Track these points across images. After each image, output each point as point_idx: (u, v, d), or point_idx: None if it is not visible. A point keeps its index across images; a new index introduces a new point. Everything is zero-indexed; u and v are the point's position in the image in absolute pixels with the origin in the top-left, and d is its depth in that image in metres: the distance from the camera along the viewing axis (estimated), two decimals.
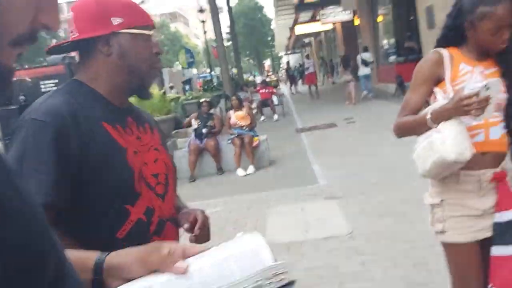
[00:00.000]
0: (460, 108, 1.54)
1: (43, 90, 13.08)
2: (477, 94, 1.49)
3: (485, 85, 1.48)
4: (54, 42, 32.97)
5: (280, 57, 61.71)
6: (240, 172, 6.89)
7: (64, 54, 19.28)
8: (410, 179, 5.11)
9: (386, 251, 3.50)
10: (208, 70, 26.08)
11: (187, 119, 7.78)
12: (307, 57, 19.58)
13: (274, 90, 14.10)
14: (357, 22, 18.69)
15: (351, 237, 3.85)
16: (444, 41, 1.78)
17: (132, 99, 1.21)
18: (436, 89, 1.72)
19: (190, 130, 7.66)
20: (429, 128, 1.64)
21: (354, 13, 18.50)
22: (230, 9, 21.47)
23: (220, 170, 7.20)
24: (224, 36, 30.82)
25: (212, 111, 7.91)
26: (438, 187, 1.78)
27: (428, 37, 9.67)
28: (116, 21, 1.09)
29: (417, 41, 12.04)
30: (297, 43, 38.32)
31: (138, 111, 1.24)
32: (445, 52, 1.72)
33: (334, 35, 26.41)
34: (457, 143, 1.54)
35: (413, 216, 4.06)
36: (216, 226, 4.60)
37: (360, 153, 7.02)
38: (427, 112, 1.64)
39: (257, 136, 7.36)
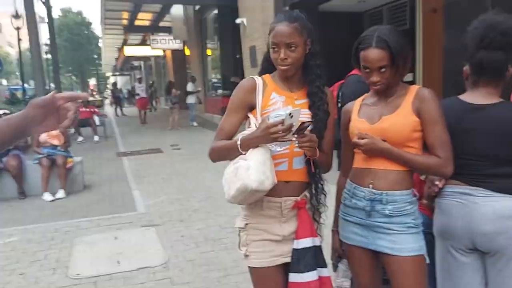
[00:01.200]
0: (267, 136, 1.56)
1: None
2: (282, 122, 1.53)
3: (289, 113, 1.52)
4: None
5: (108, 77, 58.99)
6: (47, 196, 6.07)
7: None
8: (230, 206, 5.22)
9: (200, 279, 3.40)
10: (21, 82, 23.16)
11: None
12: (139, 81, 17.91)
13: (96, 110, 13.18)
14: (187, 52, 19.04)
15: (166, 267, 3.65)
16: (262, 70, 1.83)
17: None
18: (250, 115, 1.75)
19: None
20: (240, 154, 1.64)
21: (184, 43, 18.84)
22: (51, 19, 19.62)
23: (22, 194, 6.23)
24: (44, 48, 28.04)
25: None
26: (245, 211, 1.80)
27: (251, 74, 10.34)
28: None
29: (242, 77, 12.82)
30: (125, 65, 37.13)
31: None
32: (259, 80, 1.75)
33: (164, 61, 26.41)
34: (259, 172, 1.56)
35: (230, 243, 4.10)
36: (9, 259, 3.91)
37: (183, 179, 6.94)
38: (238, 138, 1.65)
39: (71, 157, 6.64)
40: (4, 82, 46.90)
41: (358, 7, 9.48)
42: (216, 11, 15.05)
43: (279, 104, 1.71)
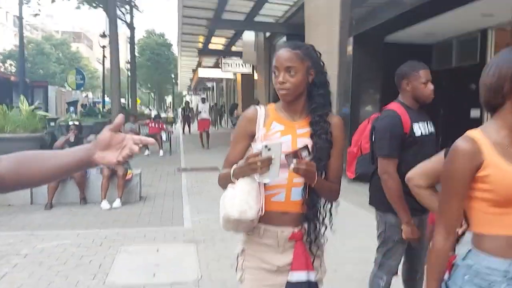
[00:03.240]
0: (246, 166, 1.57)
1: None
2: (260, 154, 1.53)
3: (266, 146, 1.53)
4: None
5: (184, 96, 61.79)
6: (104, 204, 6.44)
7: None
8: None
9: None
10: (107, 97, 24.96)
11: (57, 141, 7.17)
12: (203, 101, 16.99)
13: (164, 126, 13.85)
14: (256, 76, 19.51)
15: (197, 285, 3.71)
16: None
17: None
18: (253, 144, 1.75)
19: None
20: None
21: (254, 67, 19.33)
22: (132, 40, 21.09)
23: (84, 200, 6.67)
24: (126, 66, 30.08)
25: (92, 137, 7.41)
26: (244, 236, 1.79)
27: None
28: None
29: None
30: (199, 85, 38.71)
31: None
32: (261, 109, 1.76)
33: (235, 84, 27.21)
34: (242, 201, 1.57)
35: None
36: (58, 260, 4.18)
37: None
38: (232, 168, 1.66)
39: (130, 169, 7.02)
40: (90, 95, 50.64)
41: (425, 39, 9.21)
42: (284, 39, 15.34)
43: (278, 134, 1.71)
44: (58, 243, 4.75)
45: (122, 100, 24.19)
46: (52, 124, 12.19)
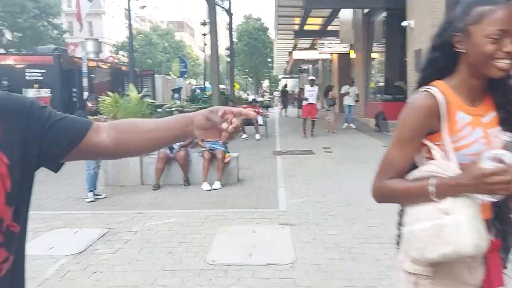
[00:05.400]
0: (481, 186, 1.19)
1: (27, 78, 12.96)
2: (505, 170, 1.16)
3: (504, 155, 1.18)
4: (55, 32, 32.97)
5: (279, 80, 62.25)
6: (205, 186, 6.77)
7: (56, 46, 19.17)
8: (368, 216, 5.08)
9: (322, 285, 3.40)
10: (208, 83, 26.11)
11: None
12: (311, 83, 13.37)
13: (260, 110, 14.09)
14: (353, 55, 18.90)
15: (292, 267, 3.74)
16: (428, 75, 1.38)
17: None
18: (429, 144, 1.33)
19: None
20: (428, 201, 1.27)
21: (351, 46, 18.73)
22: (231, 26, 21.64)
23: (187, 182, 7.08)
24: (226, 52, 31.00)
25: None
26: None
27: (415, 78, 9.80)
28: None
29: (405, 82, 12.21)
30: (295, 68, 38.65)
31: None
32: (439, 96, 1.30)
33: (330, 64, 26.67)
34: (473, 232, 1.21)
35: (360, 253, 3.99)
36: (164, 238, 4.50)
37: (328, 183, 6.96)
38: (429, 182, 1.26)
39: (228, 152, 7.27)
40: (193, 81, 53.29)
41: None
42: (384, 14, 14.59)
43: (468, 129, 1.31)
44: (164, 221, 5.12)
45: (222, 86, 25.09)
46: (159, 110, 13.08)
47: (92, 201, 6.13)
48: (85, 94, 11.20)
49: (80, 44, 16.11)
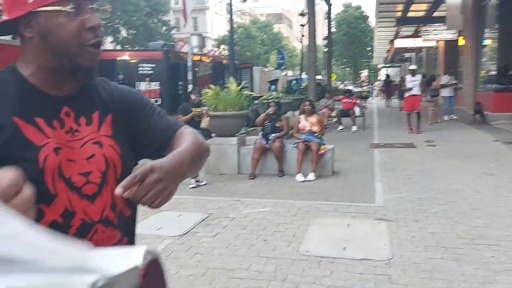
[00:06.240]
0: None
1: (140, 72, 14.03)
2: None
3: None
4: (163, 29, 35.24)
5: (379, 69, 59.98)
6: (299, 177, 6.82)
7: (164, 42, 20.37)
8: (474, 215, 4.74)
9: (420, 285, 3.26)
10: (304, 74, 26.14)
11: (258, 118, 7.86)
12: (412, 73, 11.94)
13: (358, 101, 13.70)
14: (461, 42, 17.51)
15: (388, 264, 3.64)
16: None
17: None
18: None
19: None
20: None
21: (459, 33, 17.37)
22: (329, 15, 21.28)
23: (281, 172, 7.19)
24: (323, 42, 30.62)
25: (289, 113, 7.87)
26: None
27: None
28: None
29: None
30: (396, 57, 36.90)
31: (85, 99, 1.07)
32: None
33: (436, 52, 24.99)
34: None
35: (464, 254, 3.75)
36: (259, 226, 4.66)
37: (430, 179, 6.59)
38: None
39: (324, 144, 7.23)
40: (290, 73, 53.56)
41: None
42: None
43: None
44: (259, 210, 5.27)
45: (319, 77, 24.87)
46: (256, 102, 13.38)
47: (194, 187, 6.52)
48: (189, 87, 11.85)
49: (186, 39, 17.04)
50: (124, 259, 0.49)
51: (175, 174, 0.95)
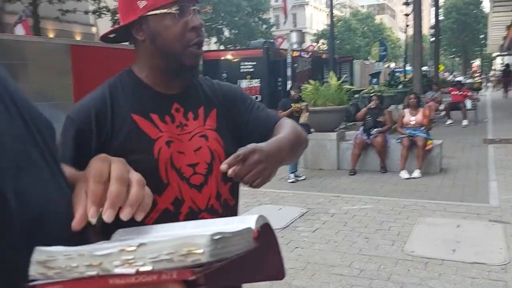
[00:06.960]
0: None
1: (242, 70, 14.48)
2: None
3: None
4: (263, 27, 35.96)
5: (493, 58, 54.71)
6: (403, 174, 6.53)
7: (264, 40, 20.73)
8: None
9: None
10: (408, 66, 24.82)
11: (359, 112, 7.66)
12: None
13: (469, 93, 12.65)
14: None
15: (504, 269, 3.35)
16: None
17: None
18: None
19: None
20: None
21: None
22: (437, 4, 19.94)
23: (383, 169, 6.94)
24: (430, 31, 28.75)
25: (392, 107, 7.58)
26: None
27: None
28: (141, 4, 1.06)
29: None
30: None
31: (191, 95, 1.16)
32: None
33: None
34: None
35: None
36: (360, 223, 4.60)
37: None
38: None
39: (431, 139, 6.82)
40: (392, 65, 51.24)
41: None
42: None
43: None
44: (361, 207, 5.16)
45: (425, 68, 23.46)
46: (356, 96, 13.05)
47: (293, 182, 6.58)
48: (289, 83, 11.96)
49: (286, 36, 17.20)
50: (240, 222, 0.57)
51: (275, 158, 1.00)
